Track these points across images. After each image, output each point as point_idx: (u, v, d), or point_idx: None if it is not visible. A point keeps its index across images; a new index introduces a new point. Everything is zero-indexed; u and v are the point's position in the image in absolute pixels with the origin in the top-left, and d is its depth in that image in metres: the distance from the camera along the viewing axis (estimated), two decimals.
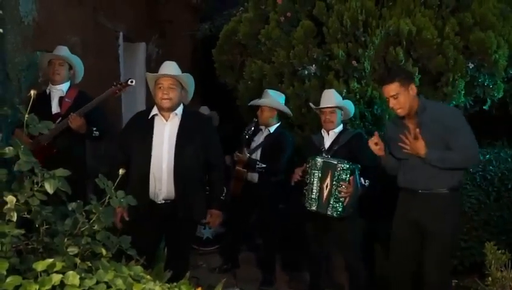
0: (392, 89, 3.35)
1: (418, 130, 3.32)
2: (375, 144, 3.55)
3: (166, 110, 3.55)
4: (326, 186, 3.83)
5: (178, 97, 3.55)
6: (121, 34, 6.39)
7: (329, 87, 4.42)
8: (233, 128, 5.72)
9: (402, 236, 3.53)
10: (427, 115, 3.36)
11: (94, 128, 4.17)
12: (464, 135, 3.31)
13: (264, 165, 4.75)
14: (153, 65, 7.23)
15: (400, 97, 3.34)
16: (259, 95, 5.06)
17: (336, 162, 3.82)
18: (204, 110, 6.14)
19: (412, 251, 3.51)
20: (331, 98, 4.12)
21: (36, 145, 3.96)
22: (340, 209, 3.80)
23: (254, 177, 4.87)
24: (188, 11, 7.58)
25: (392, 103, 3.37)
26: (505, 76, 4.75)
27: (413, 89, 3.37)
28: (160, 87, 3.51)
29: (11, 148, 2.08)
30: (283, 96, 4.91)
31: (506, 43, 4.62)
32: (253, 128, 4.87)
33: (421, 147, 3.29)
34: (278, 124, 4.90)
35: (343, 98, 4.29)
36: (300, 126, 5.09)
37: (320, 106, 4.12)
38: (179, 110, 3.59)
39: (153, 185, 3.51)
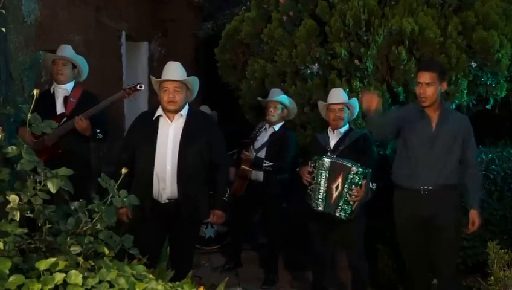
0: (429, 76, 3.52)
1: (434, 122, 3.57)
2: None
3: (171, 111, 3.56)
4: (337, 188, 3.81)
5: (184, 99, 3.56)
6: (124, 33, 6.39)
7: (332, 87, 4.41)
8: (236, 128, 5.72)
9: (411, 235, 3.65)
10: (450, 112, 3.64)
11: (98, 131, 4.19)
12: (475, 149, 3.68)
13: (271, 164, 4.77)
14: (155, 64, 7.24)
15: (431, 87, 3.51)
16: (262, 95, 5.07)
17: (350, 165, 3.79)
18: (205, 109, 6.15)
19: (422, 247, 3.64)
20: (340, 95, 4.12)
21: (41, 145, 3.97)
22: (348, 212, 3.79)
23: (258, 176, 4.87)
24: (191, 10, 7.58)
25: (423, 89, 3.52)
26: (508, 75, 4.73)
27: (443, 87, 3.59)
28: (165, 91, 3.51)
29: (14, 147, 2.08)
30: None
31: (509, 42, 4.60)
32: (264, 128, 4.88)
33: (476, 219, 3.53)
34: (282, 123, 4.92)
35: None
36: (303, 125, 5.08)
37: (329, 102, 4.11)
38: (184, 110, 3.60)
39: (157, 185, 3.53)
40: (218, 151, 3.69)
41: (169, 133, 3.55)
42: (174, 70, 3.55)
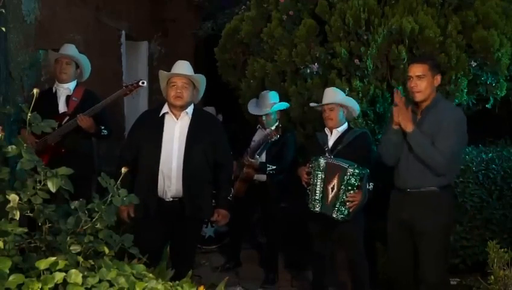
0: (420, 69, 3.33)
1: (418, 117, 3.35)
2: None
3: (177, 109, 3.57)
4: (332, 189, 3.79)
5: (190, 96, 3.60)
6: (123, 32, 6.39)
7: (332, 86, 4.41)
8: (237, 128, 5.72)
9: (395, 237, 3.56)
10: (434, 112, 3.34)
11: (102, 127, 4.19)
12: (451, 140, 3.26)
13: (274, 167, 4.77)
14: (155, 64, 7.24)
15: (423, 80, 3.31)
16: None
17: (346, 166, 3.75)
18: (210, 110, 6.13)
19: (407, 251, 3.51)
20: (330, 95, 4.10)
21: (43, 145, 3.97)
22: (345, 213, 3.77)
23: (261, 176, 4.87)
24: (191, 9, 7.58)
25: (414, 83, 3.33)
26: (508, 74, 4.73)
27: (437, 80, 3.37)
28: (173, 86, 3.55)
29: (13, 146, 2.08)
30: (277, 94, 4.94)
31: (508, 42, 4.60)
32: (279, 136, 4.80)
33: (408, 118, 3.26)
34: (277, 123, 4.91)
35: (346, 96, 4.27)
36: (302, 124, 5.08)
37: (320, 103, 4.11)
38: (190, 109, 3.63)
39: (162, 183, 3.54)
40: (222, 152, 3.72)
41: (175, 131, 3.58)
42: (183, 67, 3.60)
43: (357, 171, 3.74)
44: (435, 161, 3.27)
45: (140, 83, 4.03)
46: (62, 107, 4.21)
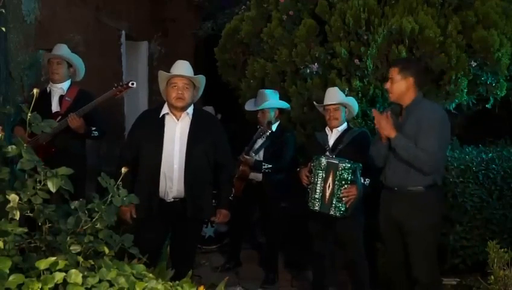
0: (391, 71, 3.48)
1: (400, 119, 3.44)
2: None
3: (178, 110, 3.56)
4: (329, 186, 3.82)
5: (191, 97, 3.58)
6: (123, 32, 6.39)
7: (332, 86, 4.41)
8: (237, 128, 5.72)
9: (387, 234, 3.62)
10: (415, 113, 3.39)
11: (93, 128, 4.18)
12: (433, 138, 3.28)
13: (270, 166, 4.77)
14: (155, 64, 7.25)
15: (393, 82, 3.43)
16: None
17: (337, 162, 3.81)
18: (209, 110, 6.13)
19: (397, 248, 3.54)
20: (335, 95, 4.11)
21: (35, 144, 3.96)
22: (343, 209, 3.80)
23: (257, 175, 4.87)
24: (191, 9, 7.58)
25: (387, 84, 3.49)
26: (508, 74, 4.73)
27: (409, 82, 3.41)
28: (174, 87, 3.53)
29: (13, 146, 2.08)
30: (277, 92, 4.94)
31: (508, 42, 4.60)
32: (269, 133, 4.81)
33: (390, 127, 3.36)
34: (278, 122, 4.91)
35: (346, 96, 4.28)
36: (302, 124, 5.08)
37: (324, 103, 4.11)
38: (190, 109, 3.62)
39: (164, 184, 3.54)
40: (223, 152, 3.72)
41: (176, 131, 3.57)
42: (184, 68, 3.58)
43: (348, 165, 3.77)
44: (420, 161, 3.31)
45: (130, 84, 4.02)
46: (55, 107, 4.22)
